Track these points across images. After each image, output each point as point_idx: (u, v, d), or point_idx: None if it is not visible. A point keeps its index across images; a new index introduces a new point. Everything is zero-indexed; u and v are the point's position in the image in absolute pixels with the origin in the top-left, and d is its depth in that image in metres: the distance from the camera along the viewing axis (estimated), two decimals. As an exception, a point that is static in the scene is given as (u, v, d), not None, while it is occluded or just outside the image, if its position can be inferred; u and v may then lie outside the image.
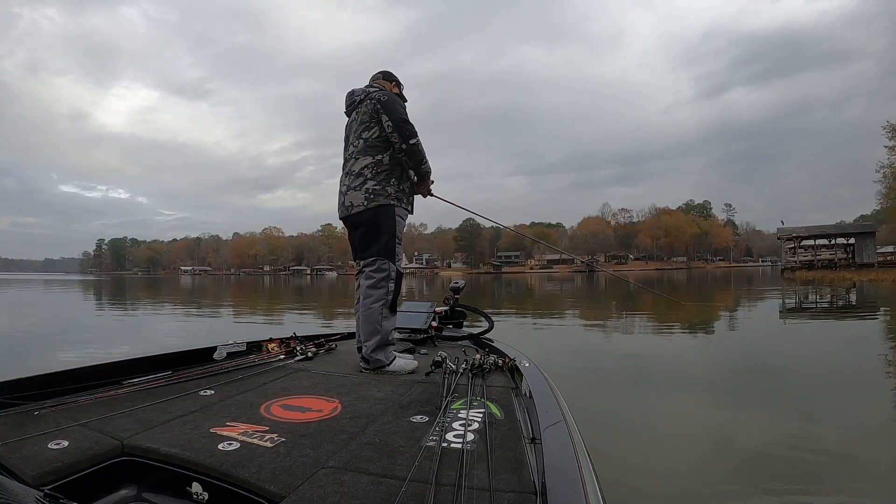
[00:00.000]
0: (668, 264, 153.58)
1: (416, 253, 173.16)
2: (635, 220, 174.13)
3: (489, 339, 4.48)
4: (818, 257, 62.76)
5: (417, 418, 2.49)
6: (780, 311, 18.96)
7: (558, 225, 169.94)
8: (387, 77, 4.26)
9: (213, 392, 2.93)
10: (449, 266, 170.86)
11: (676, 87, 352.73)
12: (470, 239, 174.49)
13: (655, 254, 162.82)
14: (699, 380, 7.96)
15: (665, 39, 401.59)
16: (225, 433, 2.23)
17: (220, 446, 2.07)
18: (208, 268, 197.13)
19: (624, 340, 12.51)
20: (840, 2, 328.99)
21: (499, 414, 2.51)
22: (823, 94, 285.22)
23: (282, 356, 3.91)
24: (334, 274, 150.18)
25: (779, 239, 69.49)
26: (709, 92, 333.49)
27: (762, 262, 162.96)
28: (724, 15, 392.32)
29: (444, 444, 2.09)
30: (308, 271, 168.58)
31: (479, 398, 2.74)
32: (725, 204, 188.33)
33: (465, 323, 5.39)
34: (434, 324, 4.86)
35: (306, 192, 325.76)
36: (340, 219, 4.00)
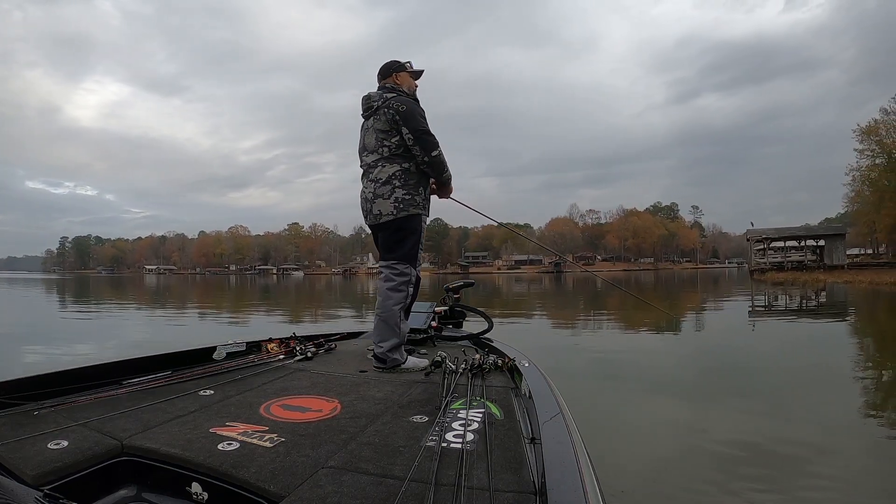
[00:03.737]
0: (636, 265, 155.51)
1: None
2: (603, 221, 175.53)
3: (489, 339, 4.48)
4: (788, 259, 63.33)
5: (417, 418, 2.50)
6: (749, 311, 19.27)
7: (526, 226, 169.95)
8: (387, 72, 4.16)
9: (212, 392, 2.93)
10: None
11: (649, 92, 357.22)
12: (437, 239, 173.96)
13: (623, 255, 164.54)
14: (671, 379, 8.09)
15: (639, 46, 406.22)
16: (224, 433, 2.23)
17: (219, 446, 2.07)
18: (173, 267, 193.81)
19: (594, 340, 12.74)
20: (812, 13, 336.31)
21: (498, 414, 2.51)
22: (792, 102, 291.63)
23: (281, 356, 3.91)
24: (300, 274, 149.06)
25: (748, 240, 70.02)
26: (680, 97, 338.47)
27: (728, 263, 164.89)
28: (698, 24, 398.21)
29: (444, 444, 2.08)
30: (274, 271, 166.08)
31: (478, 398, 2.74)
32: (692, 206, 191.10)
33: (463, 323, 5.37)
34: (434, 324, 4.85)
35: (277, 191, 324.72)
36: (368, 226, 4.11)
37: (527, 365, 3.12)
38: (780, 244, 66.32)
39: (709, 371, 8.80)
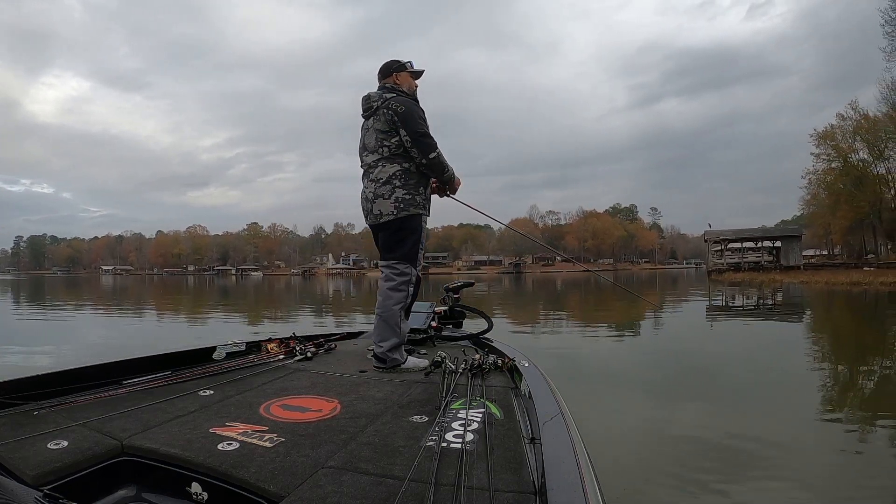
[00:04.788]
0: (595, 266, 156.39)
1: (343, 253, 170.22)
2: (563, 222, 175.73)
3: (489, 339, 4.49)
4: (745, 259, 64.22)
5: (417, 418, 2.50)
6: (706, 310, 19.51)
7: (486, 227, 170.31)
8: (387, 71, 4.14)
9: (212, 392, 2.93)
10: (376, 266, 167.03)
11: (611, 96, 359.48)
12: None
13: (582, 255, 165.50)
14: (631, 376, 8.40)
15: (603, 50, 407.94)
16: (224, 433, 2.23)
17: (219, 446, 2.07)
18: (130, 267, 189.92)
19: (555, 339, 12.80)
20: (773, 23, 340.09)
21: (498, 414, 2.51)
22: (751, 108, 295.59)
23: (281, 356, 3.91)
24: (260, 274, 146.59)
25: (706, 241, 71.12)
26: (642, 102, 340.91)
27: (686, 264, 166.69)
28: (661, 30, 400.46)
29: (444, 444, 2.08)
30: (233, 272, 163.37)
31: (478, 398, 2.74)
32: (651, 208, 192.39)
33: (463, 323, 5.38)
34: (433, 324, 4.84)
35: (237, 190, 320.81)
36: (369, 225, 4.11)
37: (527, 365, 3.12)
38: (738, 245, 67.59)
39: (667, 367, 9.12)
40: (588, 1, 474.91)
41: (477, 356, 3.53)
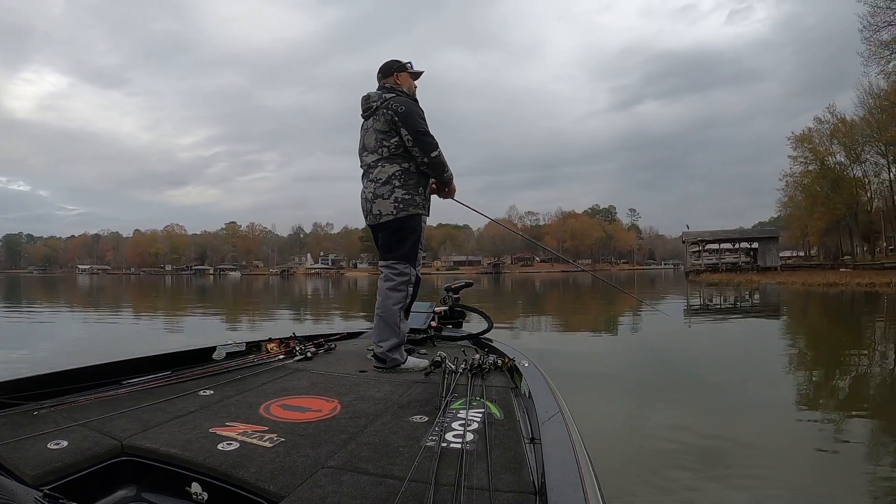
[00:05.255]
0: (574, 266, 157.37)
1: (321, 253, 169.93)
2: (542, 223, 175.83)
3: (489, 339, 4.49)
4: (722, 260, 64.77)
5: (417, 418, 2.50)
6: (683, 310, 19.65)
7: (465, 227, 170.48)
8: (388, 71, 4.14)
9: (212, 392, 2.93)
10: (355, 266, 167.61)
11: (591, 98, 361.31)
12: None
13: (561, 256, 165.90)
14: (609, 375, 8.53)
15: (584, 52, 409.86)
16: (224, 433, 2.23)
17: (219, 446, 2.07)
18: (107, 266, 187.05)
19: (534, 339, 12.82)
20: (754, 27, 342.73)
21: (498, 414, 2.51)
22: (730, 111, 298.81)
23: (281, 356, 3.91)
24: (238, 274, 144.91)
25: (683, 242, 71.76)
26: (622, 104, 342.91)
27: (664, 265, 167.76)
28: (643, 33, 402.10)
29: (444, 444, 2.08)
30: (211, 271, 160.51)
31: (478, 398, 2.74)
32: (630, 209, 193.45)
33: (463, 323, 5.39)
34: (433, 324, 4.84)
35: (216, 189, 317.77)
36: (368, 226, 4.13)
37: (527, 365, 3.13)
38: (715, 246, 68.29)
39: (645, 366, 9.36)
40: (570, 3, 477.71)
41: (477, 356, 3.53)
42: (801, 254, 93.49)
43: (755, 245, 65.88)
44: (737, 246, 67.90)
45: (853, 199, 62.38)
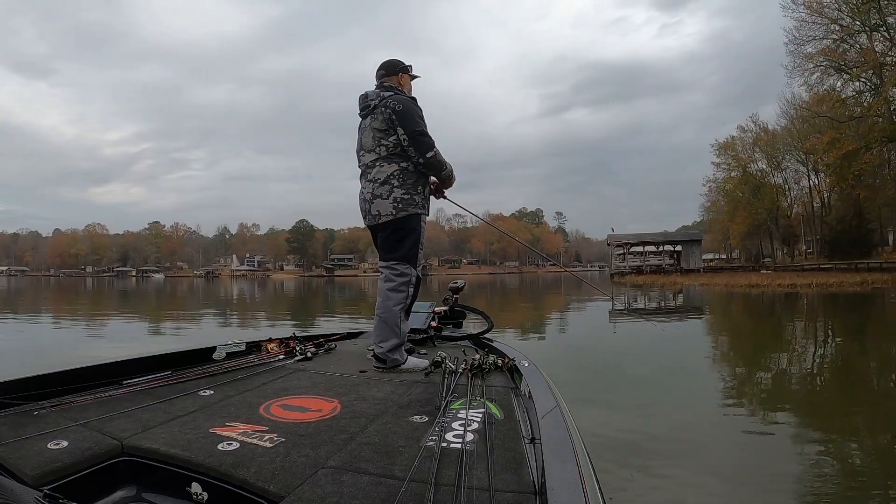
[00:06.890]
0: (501, 268, 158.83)
1: (247, 254, 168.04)
2: (469, 225, 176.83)
3: (489, 339, 4.49)
4: (647, 263, 66.04)
5: (417, 418, 2.50)
6: (612, 311, 19.95)
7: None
8: (393, 69, 4.14)
9: (212, 392, 2.93)
10: (281, 268, 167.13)
11: (523, 104, 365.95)
12: (302, 241, 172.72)
13: (488, 258, 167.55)
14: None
15: (517, 59, 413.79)
16: (224, 433, 2.22)
17: (219, 446, 2.06)
18: (26, 268, 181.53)
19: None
20: (683, 41, 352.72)
21: (498, 414, 2.51)
22: (657, 120, 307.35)
23: (281, 356, 3.90)
24: (161, 276, 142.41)
25: (609, 245, 72.81)
26: (553, 110, 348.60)
27: (591, 267, 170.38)
28: (576, 43, 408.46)
29: (444, 445, 2.08)
30: (133, 273, 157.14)
31: (478, 398, 2.73)
32: (556, 212, 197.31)
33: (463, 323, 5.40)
34: (433, 324, 4.84)
35: (141, 188, 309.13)
36: (367, 226, 4.08)
37: (527, 365, 3.13)
38: (640, 249, 69.53)
39: (575, 365, 9.36)
40: (507, 10, 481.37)
41: (477, 356, 3.53)
42: (724, 256, 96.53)
43: (679, 248, 67.32)
44: (661, 248, 69.25)
45: (774, 204, 64.87)
